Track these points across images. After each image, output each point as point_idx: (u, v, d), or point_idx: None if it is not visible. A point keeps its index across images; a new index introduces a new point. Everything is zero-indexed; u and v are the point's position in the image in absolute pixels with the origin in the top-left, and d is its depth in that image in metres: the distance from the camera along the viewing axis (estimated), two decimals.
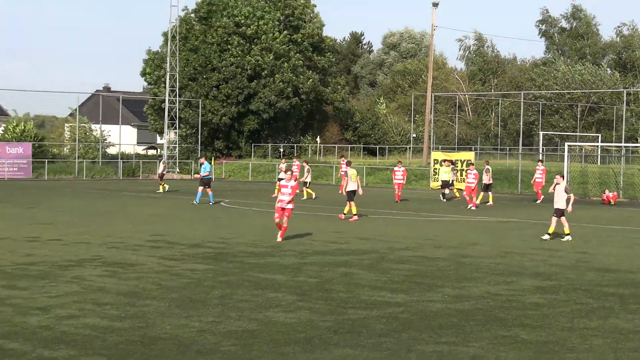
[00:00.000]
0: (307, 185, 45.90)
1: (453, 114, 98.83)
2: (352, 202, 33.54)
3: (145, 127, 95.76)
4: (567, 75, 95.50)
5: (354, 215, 33.11)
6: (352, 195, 33.65)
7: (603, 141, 74.26)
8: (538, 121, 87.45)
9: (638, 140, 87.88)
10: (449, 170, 46.28)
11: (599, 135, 77.02)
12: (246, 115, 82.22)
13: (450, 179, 46.18)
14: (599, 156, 60.15)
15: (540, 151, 66.49)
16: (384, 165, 70.53)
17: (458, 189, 48.09)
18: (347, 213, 33.62)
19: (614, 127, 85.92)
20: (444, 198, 45.73)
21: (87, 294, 15.93)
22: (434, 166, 58.68)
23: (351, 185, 33.79)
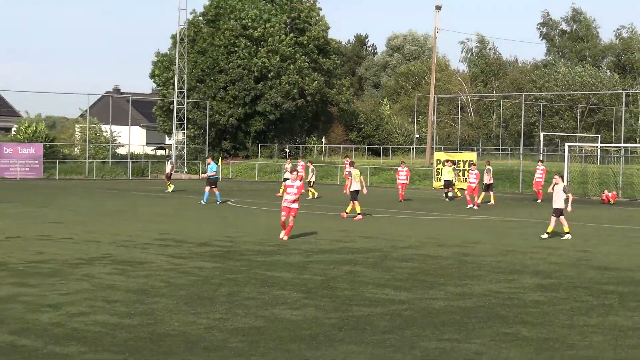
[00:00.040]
0: (311, 185, 45.93)
1: (455, 115, 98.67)
2: (355, 202, 33.52)
3: (154, 128, 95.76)
4: (568, 77, 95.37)
5: (358, 214, 33.09)
6: (355, 195, 33.62)
7: (602, 142, 74.13)
8: (539, 122, 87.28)
9: (637, 140, 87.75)
10: (452, 170, 46.26)
11: (599, 136, 76.84)
12: (253, 117, 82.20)
13: (452, 179, 46.17)
14: (598, 156, 60.05)
15: (541, 152, 66.34)
16: (388, 165, 70.50)
17: (459, 189, 48.06)
18: (349, 212, 33.60)
19: (613, 128, 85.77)
20: (447, 198, 45.70)
21: (97, 292, 15.94)
22: (436, 166, 58.62)
23: (355, 185, 33.77)
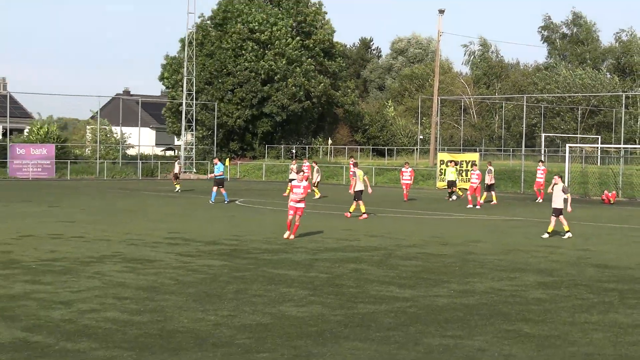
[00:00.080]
0: (316, 185, 45.94)
1: (458, 116, 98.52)
2: (360, 201, 33.49)
3: (163, 129, 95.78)
4: (568, 80, 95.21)
5: (363, 213, 33.07)
6: (359, 195, 33.60)
7: (603, 143, 73.89)
8: (540, 123, 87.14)
9: (636, 141, 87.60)
10: (455, 170, 46.21)
11: (599, 137, 76.64)
12: (260, 118, 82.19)
13: (455, 179, 46.12)
14: (598, 157, 59.88)
15: (543, 152, 66.24)
16: (392, 165, 70.41)
17: (460, 189, 47.99)
18: (352, 211, 33.58)
19: (613, 129, 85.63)
20: (450, 197, 45.65)
21: (107, 289, 15.96)
22: (440, 167, 58.57)
23: (358, 185, 33.76)
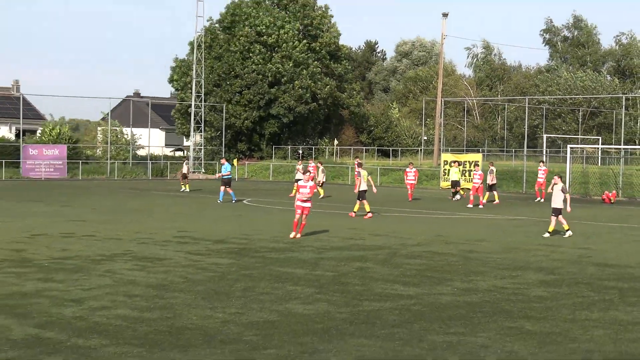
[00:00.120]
0: (321, 185, 45.98)
1: (462, 117, 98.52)
2: (364, 201, 33.47)
3: (172, 130, 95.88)
4: (569, 82, 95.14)
5: (368, 212, 33.05)
6: (363, 194, 33.60)
7: (603, 143, 73.86)
8: (542, 125, 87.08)
9: (636, 142, 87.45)
10: (459, 171, 46.17)
11: (599, 138, 76.64)
12: (267, 119, 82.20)
13: (459, 179, 46.09)
14: (599, 158, 59.85)
15: (544, 153, 66.16)
16: (397, 166, 70.40)
17: (464, 189, 47.94)
18: (357, 211, 33.56)
19: (613, 130, 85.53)
20: (454, 197, 45.61)
21: (118, 287, 15.97)
22: (444, 167, 58.53)
23: (363, 185, 33.77)
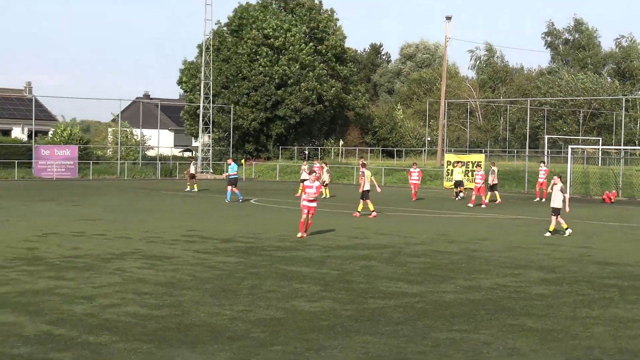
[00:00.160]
0: (325, 185, 45.95)
1: (465, 119, 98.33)
2: (368, 200, 33.45)
3: (181, 131, 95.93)
4: (570, 84, 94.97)
5: (372, 212, 33.02)
6: (367, 194, 33.60)
7: (603, 144, 73.73)
8: (543, 126, 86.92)
9: (636, 143, 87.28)
10: (462, 171, 46.15)
11: (600, 139, 76.50)
12: (274, 121, 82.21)
13: (462, 179, 46.07)
14: (599, 158, 59.77)
15: (545, 153, 66.06)
16: (401, 166, 70.31)
17: (467, 189, 47.89)
18: (360, 211, 33.54)
19: (613, 131, 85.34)
20: (457, 197, 45.56)
21: (128, 285, 15.99)
22: (447, 167, 58.48)
23: (366, 185, 33.77)
